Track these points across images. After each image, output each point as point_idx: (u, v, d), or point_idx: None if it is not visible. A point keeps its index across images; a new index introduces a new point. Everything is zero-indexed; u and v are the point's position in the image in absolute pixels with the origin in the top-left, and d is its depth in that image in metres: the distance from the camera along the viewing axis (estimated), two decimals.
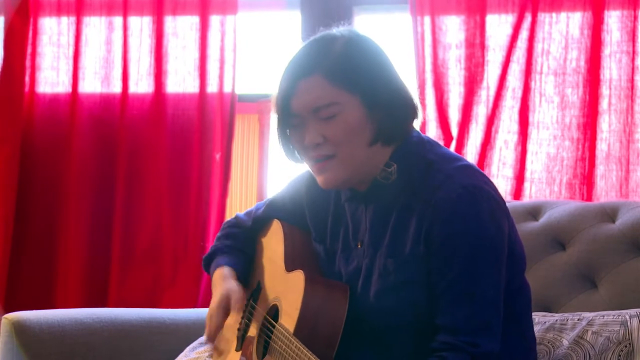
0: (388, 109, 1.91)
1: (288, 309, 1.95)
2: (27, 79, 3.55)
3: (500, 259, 1.88)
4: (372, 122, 1.91)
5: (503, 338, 1.87)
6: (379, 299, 1.91)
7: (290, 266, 2.04)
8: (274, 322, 1.99)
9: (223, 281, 2.10)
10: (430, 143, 1.99)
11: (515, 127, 3.13)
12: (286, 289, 2.00)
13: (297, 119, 1.94)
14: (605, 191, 3.03)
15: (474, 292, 1.84)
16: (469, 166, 1.95)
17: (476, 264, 1.85)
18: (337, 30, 1.96)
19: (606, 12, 3.04)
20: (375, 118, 1.91)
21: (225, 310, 2.05)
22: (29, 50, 3.55)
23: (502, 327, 1.87)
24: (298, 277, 1.95)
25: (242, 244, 2.22)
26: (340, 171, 1.93)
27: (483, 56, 3.16)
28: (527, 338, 2.01)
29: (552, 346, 2.30)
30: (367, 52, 1.94)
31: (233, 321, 2.14)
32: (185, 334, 2.84)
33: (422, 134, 2.01)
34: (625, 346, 2.23)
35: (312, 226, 2.11)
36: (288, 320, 1.92)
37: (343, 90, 1.90)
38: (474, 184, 1.88)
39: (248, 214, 2.25)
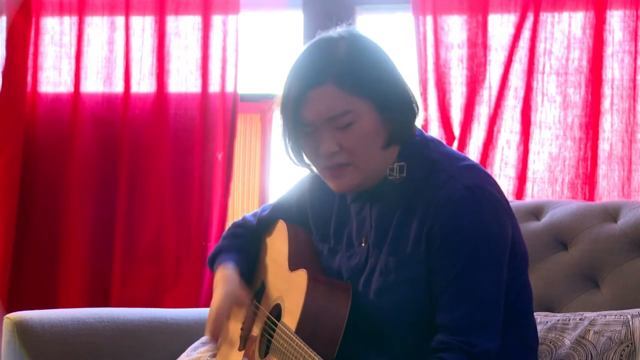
0: (398, 110, 1.91)
1: (290, 307, 1.95)
2: (29, 78, 3.55)
3: (502, 259, 1.88)
4: (385, 125, 1.90)
5: (502, 338, 1.87)
6: (379, 296, 1.91)
7: (293, 265, 2.04)
8: (276, 321, 1.99)
9: (226, 281, 2.10)
10: (434, 142, 1.99)
11: (517, 126, 3.12)
12: (289, 288, 2.00)
13: (309, 127, 1.91)
14: (607, 191, 3.02)
15: (474, 291, 1.84)
16: (472, 166, 1.95)
17: (477, 263, 1.84)
18: (334, 32, 1.93)
19: (608, 12, 3.04)
20: (387, 120, 1.90)
21: (229, 310, 2.05)
22: (31, 50, 3.56)
23: (502, 327, 1.87)
24: (301, 276, 1.95)
25: (247, 243, 2.22)
26: (355, 177, 1.92)
27: (485, 56, 3.16)
28: (526, 338, 2.00)
29: (554, 346, 2.30)
30: (370, 54, 1.92)
31: (236, 321, 2.14)
32: (188, 334, 2.84)
33: (425, 133, 2.00)
34: (627, 346, 2.23)
35: (314, 227, 2.10)
36: (290, 318, 1.92)
37: (356, 97, 1.88)
38: (476, 184, 1.88)
39: (254, 215, 2.26)
